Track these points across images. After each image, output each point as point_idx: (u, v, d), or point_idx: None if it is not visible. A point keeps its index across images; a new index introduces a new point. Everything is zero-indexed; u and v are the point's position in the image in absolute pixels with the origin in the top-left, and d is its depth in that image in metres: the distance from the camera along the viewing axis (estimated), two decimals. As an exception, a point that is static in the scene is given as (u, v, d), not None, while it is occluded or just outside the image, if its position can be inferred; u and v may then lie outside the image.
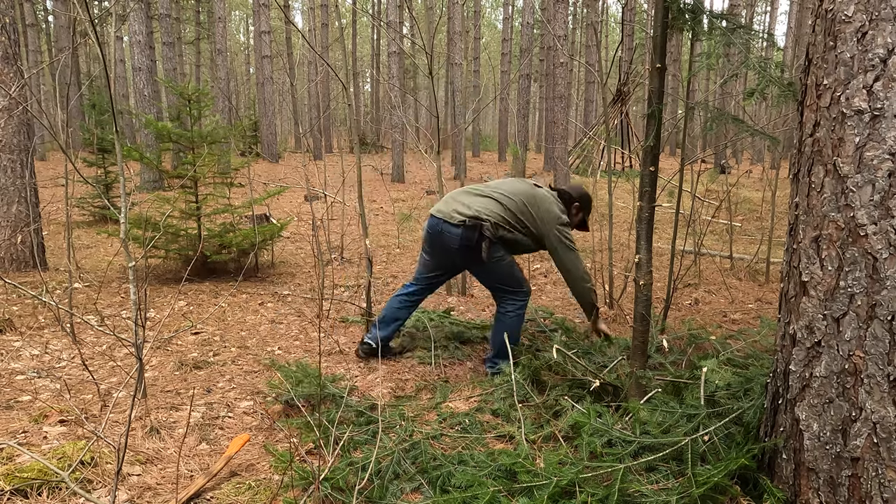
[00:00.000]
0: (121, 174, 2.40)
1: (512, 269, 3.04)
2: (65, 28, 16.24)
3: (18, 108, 4.89)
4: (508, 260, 3.02)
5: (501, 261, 2.98)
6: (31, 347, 3.39)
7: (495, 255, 2.95)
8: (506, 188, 3.05)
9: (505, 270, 3.02)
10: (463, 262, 3.11)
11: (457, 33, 16.62)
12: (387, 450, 2.15)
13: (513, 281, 3.04)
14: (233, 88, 29.14)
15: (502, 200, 2.99)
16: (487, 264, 2.96)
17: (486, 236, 2.89)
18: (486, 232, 2.89)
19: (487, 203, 2.98)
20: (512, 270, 3.04)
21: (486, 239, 2.89)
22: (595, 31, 17.66)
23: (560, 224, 3.00)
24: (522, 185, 3.08)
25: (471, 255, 2.94)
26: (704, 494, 1.73)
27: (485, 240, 2.89)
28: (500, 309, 3.09)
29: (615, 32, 37.31)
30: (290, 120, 34.13)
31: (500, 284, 3.07)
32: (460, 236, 2.91)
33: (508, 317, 3.06)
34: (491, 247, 2.92)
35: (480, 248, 2.89)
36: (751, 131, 2.75)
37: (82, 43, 18.64)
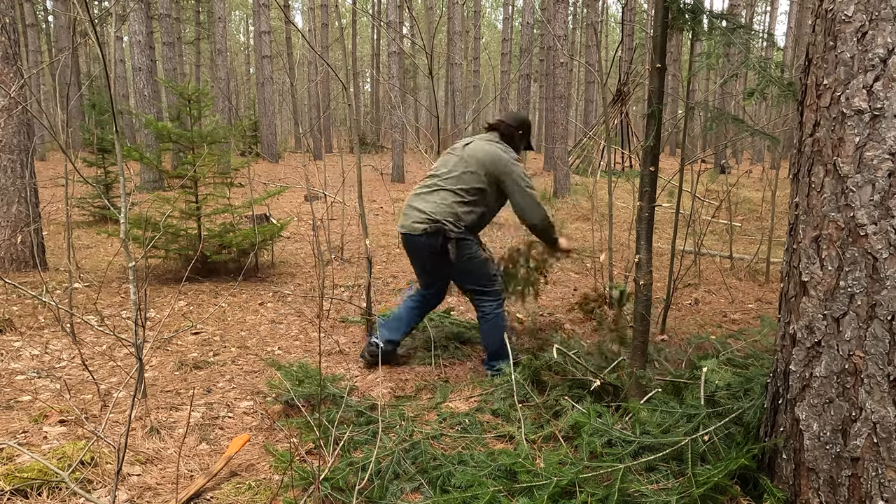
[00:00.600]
0: (121, 174, 2.40)
1: (485, 266, 2.99)
2: (65, 28, 16.25)
3: (18, 108, 4.89)
4: (481, 257, 2.97)
5: (473, 258, 2.93)
6: (31, 347, 3.39)
7: (465, 252, 2.90)
8: (448, 168, 2.98)
9: (478, 268, 2.97)
10: (441, 267, 3.02)
11: (457, 33, 16.63)
12: (387, 450, 2.15)
13: (487, 279, 2.99)
14: (233, 88, 29.15)
15: (451, 186, 2.92)
16: (460, 264, 2.92)
17: (450, 238, 2.84)
18: (451, 233, 2.84)
19: (440, 198, 2.91)
20: (485, 268, 2.99)
21: (452, 240, 2.84)
22: (595, 31, 17.66)
23: (509, 164, 2.92)
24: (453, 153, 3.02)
25: (443, 258, 2.89)
26: (704, 494, 1.73)
27: (450, 241, 2.84)
28: (479, 313, 3.05)
29: (615, 32, 37.31)
30: (290, 120, 34.13)
31: (474, 285, 3.01)
32: (427, 245, 2.88)
33: (488, 319, 3.01)
34: (459, 245, 2.87)
35: (448, 251, 2.85)
36: (751, 131, 2.75)
37: (82, 43, 18.65)
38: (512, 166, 2.93)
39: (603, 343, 3.23)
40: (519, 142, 3.14)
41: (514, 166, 2.94)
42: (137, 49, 11.04)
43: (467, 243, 2.93)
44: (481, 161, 2.92)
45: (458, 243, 2.88)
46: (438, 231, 2.85)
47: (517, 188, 2.93)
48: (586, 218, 8.94)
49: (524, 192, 2.93)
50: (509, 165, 2.92)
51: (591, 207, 7.54)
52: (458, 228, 2.88)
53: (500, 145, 3.00)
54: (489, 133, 3.09)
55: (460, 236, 2.88)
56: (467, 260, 2.93)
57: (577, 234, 7.65)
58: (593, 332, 3.83)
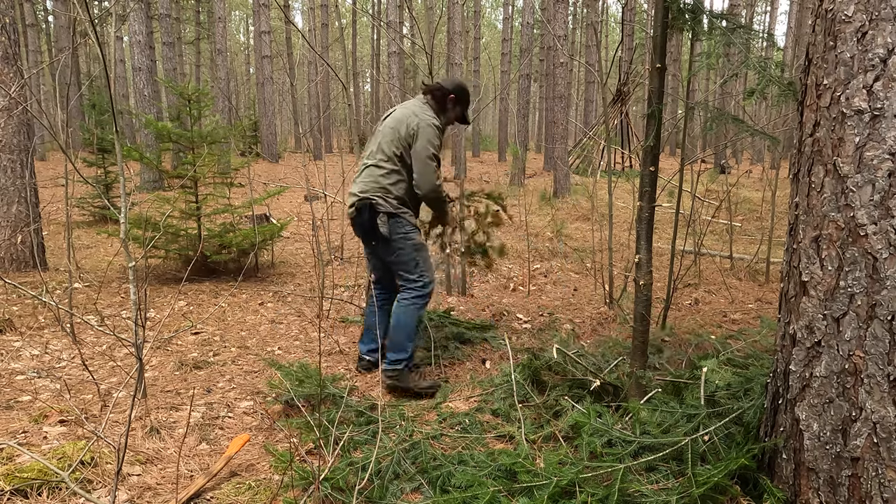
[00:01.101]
0: (121, 174, 2.40)
1: (415, 252, 2.86)
2: (65, 28, 16.25)
3: (18, 108, 4.89)
4: (415, 242, 2.86)
5: (406, 239, 2.83)
6: (31, 347, 3.39)
7: (399, 231, 2.81)
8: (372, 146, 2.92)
9: (407, 253, 2.84)
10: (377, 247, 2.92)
11: (457, 33, 16.62)
12: (387, 450, 2.15)
13: (412, 266, 2.86)
14: (233, 88, 29.15)
15: (373, 160, 2.86)
16: (392, 244, 2.82)
17: (378, 212, 2.79)
18: (379, 207, 2.79)
19: (367, 175, 2.87)
20: (415, 254, 2.85)
21: (380, 214, 2.78)
22: (595, 31, 17.66)
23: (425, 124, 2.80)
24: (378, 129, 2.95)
25: (375, 235, 2.82)
26: (704, 494, 1.73)
27: (378, 216, 2.78)
28: (398, 297, 2.91)
29: (615, 32, 37.31)
30: (290, 120, 34.13)
31: (400, 270, 2.89)
32: (360, 224, 2.84)
33: (401, 305, 2.86)
34: (391, 222, 2.80)
35: (377, 226, 2.79)
36: (751, 131, 2.75)
37: (82, 43, 18.65)
38: (425, 127, 2.80)
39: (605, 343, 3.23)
40: (451, 109, 2.99)
41: (429, 129, 2.80)
42: (137, 49, 11.04)
43: (400, 221, 2.82)
44: (399, 120, 2.84)
45: (390, 219, 2.80)
46: (365, 206, 2.80)
47: (418, 152, 2.80)
48: (586, 218, 8.94)
49: (424, 160, 2.79)
50: (422, 125, 2.80)
51: (591, 207, 7.54)
52: (388, 203, 2.80)
53: (422, 107, 2.89)
54: (421, 96, 2.98)
55: (390, 211, 2.80)
56: (400, 239, 2.82)
57: (577, 234, 7.65)
58: (593, 332, 3.84)
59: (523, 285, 5.13)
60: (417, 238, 2.89)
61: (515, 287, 5.08)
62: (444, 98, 2.96)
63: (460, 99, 3.00)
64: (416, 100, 2.97)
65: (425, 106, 2.93)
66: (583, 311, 4.33)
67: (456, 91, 2.98)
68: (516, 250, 6.63)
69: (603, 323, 3.99)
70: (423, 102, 2.94)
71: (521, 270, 5.69)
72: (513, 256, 6.37)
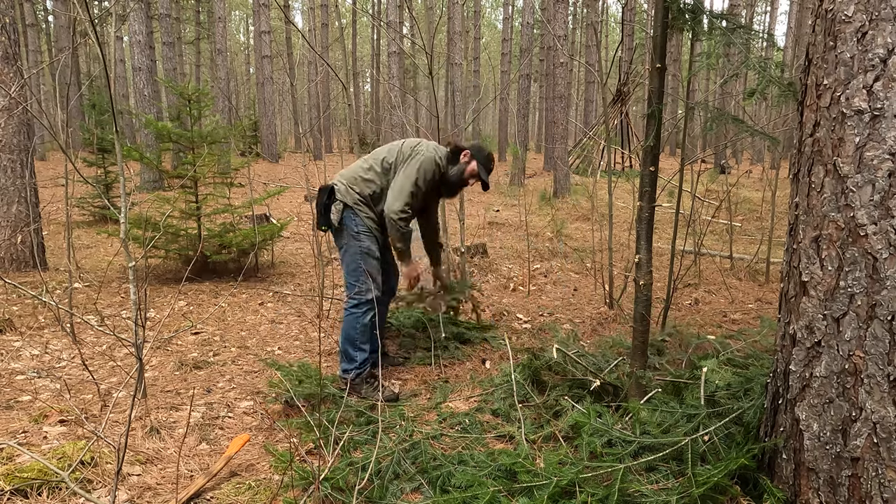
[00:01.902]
0: (121, 174, 2.40)
1: (359, 257, 2.78)
2: (65, 28, 16.25)
3: (18, 108, 4.89)
4: (362, 245, 2.78)
5: (354, 238, 2.77)
6: (31, 347, 3.39)
7: (349, 225, 2.77)
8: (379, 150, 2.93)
9: (350, 254, 2.79)
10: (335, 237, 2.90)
11: (457, 33, 16.62)
12: (387, 450, 2.15)
13: (352, 269, 2.80)
14: (233, 88, 29.14)
15: (367, 158, 2.88)
16: (339, 237, 2.81)
17: (335, 199, 2.77)
18: (338, 195, 2.77)
19: (351, 167, 2.88)
20: (358, 258, 2.78)
21: (336, 201, 2.77)
22: (595, 31, 17.66)
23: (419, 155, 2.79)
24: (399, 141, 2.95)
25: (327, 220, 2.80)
26: (704, 494, 1.73)
27: (334, 202, 2.77)
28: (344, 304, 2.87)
29: (615, 32, 37.31)
30: (290, 120, 34.11)
31: (345, 272, 2.84)
32: (318, 203, 2.83)
33: (344, 315, 2.81)
34: (344, 212, 2.77)
35: (330, 211, 2.78)
36: (751, 131, 2.75)
37: (82, 43, 18.65)
38: (417, 158, 2.80)
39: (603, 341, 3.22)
40: (464, 163, 2.94)
41: (427, 161, 2.80)
42: (137, 49, 11.03)
43: (354, 218, 2.78)
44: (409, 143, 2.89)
45: (345, 209, 2.77)
46: (327, 189, 2.80)
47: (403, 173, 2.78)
48: (586, 218, 8.94)
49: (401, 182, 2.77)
50: (423, 152, 2.81)
51: (591, 207, 7.53)
52: (349, 194, 2.78)
53: (438, 146, 2.92)
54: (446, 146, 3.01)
55: (347, 201, 2.77)
56: (348, 235, 2.78)
57: (577, 234, 7.65)
58: (593, 332, 3.83)
59: (523, 285, 5.13)
60: (367, 243, 2.80)
61: (515, 287, 5.08)
62: (458, 151, 2.97)
63: (476, 156, 2.96)
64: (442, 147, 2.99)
65: (442, 149, 2.94)
66: (583, 311, 4.33)
67: (472, 148, 2.99)
68: (516, 250, 6.63)
69: (603, 323, 3.99)
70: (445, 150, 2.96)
71: (521, 270, 5.69)
72: (513, 256, 6.37)
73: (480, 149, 3.01)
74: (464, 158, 2.95)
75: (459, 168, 2.94)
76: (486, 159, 2.99)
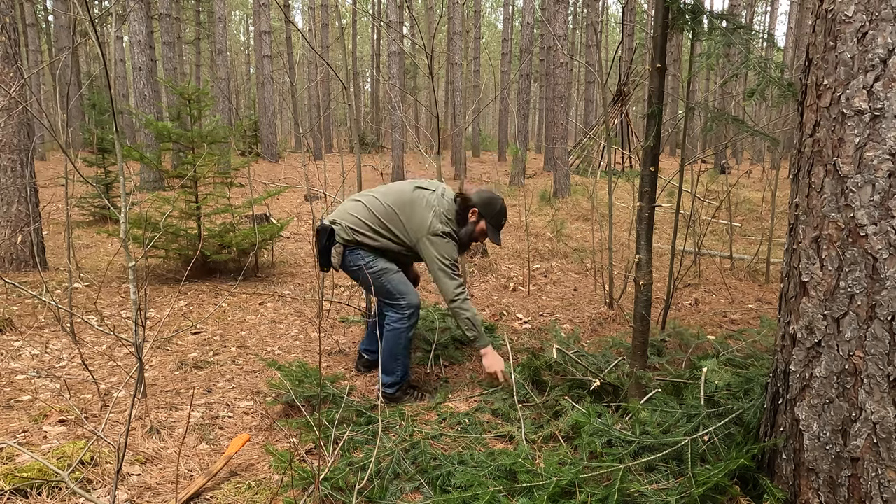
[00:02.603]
0: (121, 174, 2.40)
1: (385, 280, 2.74)
2: (65, 28, 16.25)
3: (18, 108, 4.89)
4: (377, 270, 2.73)
5: (367, 268, 2.72)
6: (31, 347, 3.39)
7: (355, 263, 2.73)
8: (383, 190, 2.82)
9: (376, 282, 2.74)
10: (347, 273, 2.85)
11: (457, 33, 16.63)
12: (387, 450, 2.15)
13: (386, 293, 2.76)
14: (233, 88, 29.15)
15: (370, 203, 2.76)
16: (351, 274, 2.78)
17: (335, 241, 2.73)
18: (337, 237, 2.72)
19: (352, 207, 2.78)
20: (384, 283, 2.74)
21: (336, 244, 2.72)
22: (595, 31, 17.66)
23: (431, 234, 2.66)
24: (402, 186, 2.81)
25: (328, 262, 2.77)
26: (704, 494, 1.73)
27: (334, 244, 2.73)
28: (385, 321, 2.80)
29: (615, 32, 37.32)
30: (290, 120, 34.13)
31: (378, 295, 2.82)
32: (318, 245, 2.78)
33: (389, 328, 2.74)
34: (346, 253, 2.74)
35: (330, 254, 2.74)
36: (751, 131, 2.75)
37: (82, 43, 18.65)
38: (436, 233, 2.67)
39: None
40: (472, 223, 2.78)
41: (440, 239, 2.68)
42: (137, 49, 11.03)
43: (357, 253, 2.74)
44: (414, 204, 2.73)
45: (346, 250, 2.74)
46: (326, 231, 2.73)
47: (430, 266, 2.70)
48: (586, 218, 8.94)
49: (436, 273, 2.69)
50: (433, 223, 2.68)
51: (591, 207, 7.53)
52: (351, 238, 2.73)
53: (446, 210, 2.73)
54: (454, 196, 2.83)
55: (346, 242, 2.73)
56: (357, 271, 2.74)
57: (577, 234, 7.65)
58: (593, 332, 3.83)
59: (523, 285, 5.13)
60: (381, 265, 2.74)
61: (515, 287, 5.08)
62: (465, 209, 2.77)
63: (485, 213, 2.75)
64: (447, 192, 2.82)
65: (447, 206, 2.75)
66: (583, 312, 4.33)
67: (479, 206, 2.75)
68: (516, 250, 6.63)
69: (603, 323, 3.99)
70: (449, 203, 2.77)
71: (521, 270, 5.69)
72: (513, 256, 6.37)
73: (489, 203, 2.76)
74: (472, 218, 2.77)
75: (467, 231, 2.78)
76: (497, 216, 2.78)
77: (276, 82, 25.74)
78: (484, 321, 3.90)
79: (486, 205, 2.75)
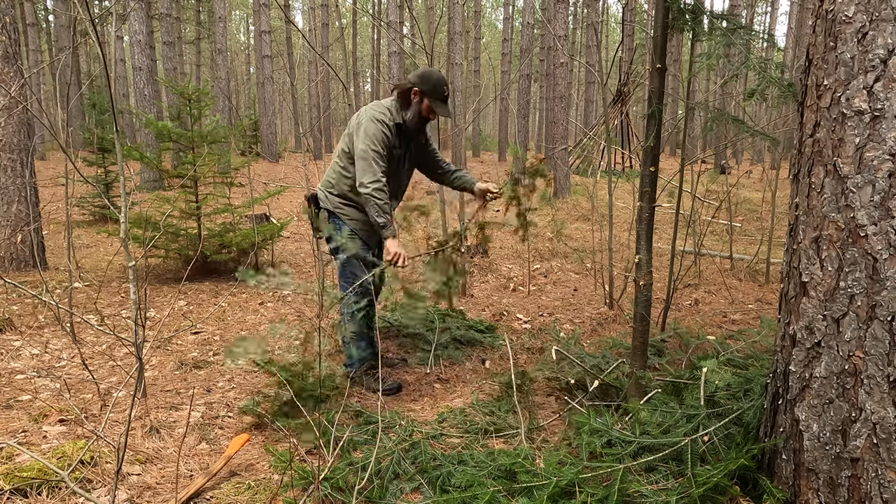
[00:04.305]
0: (121, 174, 2.40)
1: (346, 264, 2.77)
2: (65, 27, 16.24)
3: (18, 108, 4.89)
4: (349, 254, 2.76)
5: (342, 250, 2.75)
6: (31, 347, 3.39)
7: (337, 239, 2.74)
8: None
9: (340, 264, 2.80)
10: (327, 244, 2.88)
11: (457, 33, 16.63)
12: (386, 450, 2.15)
13: (345, 275, 2.80)
14: (233, 88, 29.14)
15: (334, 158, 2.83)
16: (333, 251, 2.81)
17: (320, 207, 2.78)
18: (321, 203, 2.78)
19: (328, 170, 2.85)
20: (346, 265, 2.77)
21: (321, 209, 2.77)
22: (595, 32, 17.66)
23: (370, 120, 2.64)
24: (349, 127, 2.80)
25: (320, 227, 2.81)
26: (704, 495, 1.73)
27: (319, 208, 2.78)
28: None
29: (615, 32, 37.31)
30: (290, 120, 34.12)
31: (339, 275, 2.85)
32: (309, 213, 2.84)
33: (344, 311, 2.81)
34: (330, 219, 2.77)
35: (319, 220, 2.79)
36: (751, 132, 2.75)
37: (83, 42, 18.65)
38: (365, 122, 2.65)
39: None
40: (417, 103, 2.73)
41: (370, 124, 2.64)
42: (138, 48, 11.03)
43: (337, 223, 2.78)
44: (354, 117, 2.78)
45: (330, 217, 2.78)
46: (313, 197, 2.80)
47: (356, 149, 2.65)
48: (586, 218, 8.94)
49: (359, 155, 2.64)
50: (362, 121, 2.66)
51: (591, 207, 7.53)
52: (329, 199, 2.78)
53: (378, 104, 2.74)
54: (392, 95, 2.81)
55: (329, 208, 2.78)
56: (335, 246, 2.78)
57: (577, 234, 7.65)
58: (593, 332, 3.83)
59: (523, 285, 5.13)
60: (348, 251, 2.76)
61: (515, 287, 5.08)
62: (407, 93, 2.74)
63: (426, 91, 2.70)
64: (386, 99, 2.82)
65: (384, 103, 2.76)
66: (583, 312, 4.33)
67: (417, 83, 2.70)
68: (516, 250, 6.63)
69: (603, 323, 3.99)
70: (389, 101, 2.78)
71: (521, 270, 5.69)
72: (513, 256, 6.37)
73: (425, 77, 2.71)
74: (414, 98, 2.73)
75: (413, 111, 2.74)
76: (437, 87, 2.70)
77: (277, 82, 25.73)
78: (484, 321, 3.90)
79: (422, 80, 2.70)
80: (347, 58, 24.94)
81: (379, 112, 2.69)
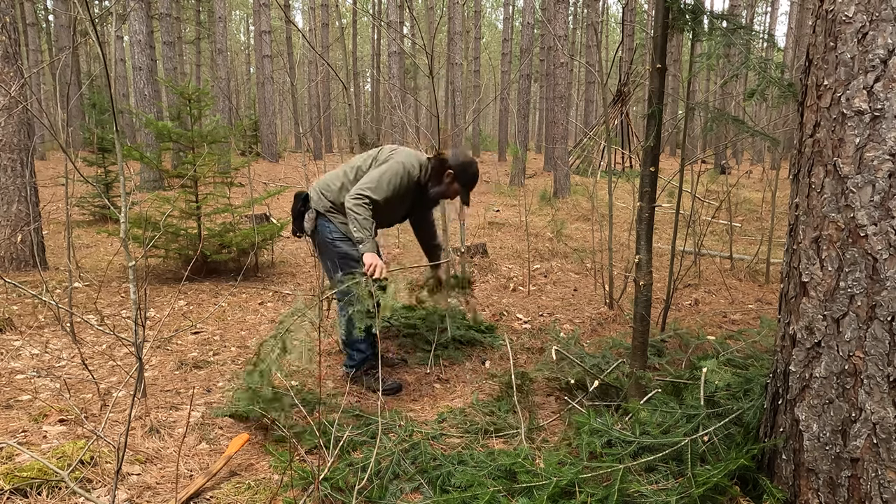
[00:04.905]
0: (121, 173, 2.40)
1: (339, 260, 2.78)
2: (65, 27, 16.24)
3: (18, 108, 4.89)
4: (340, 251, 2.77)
5: (332, 246, 2.78)
6: (31, 347, 3.39)
7: (324, 233, 2.78)
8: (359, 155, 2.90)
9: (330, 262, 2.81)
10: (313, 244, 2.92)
11: (457, 33, 16.63)
12: (386, 450, 2.15)
13: (331, 274, 2.84)
14: (233, 88, 29.15)
15: (344, 167, 2.86)
16: (316, 243, 2.83)
17: (309, 207, 2.80)
18: (311, 202, 2.80)
19: (328, 175, 2.88)
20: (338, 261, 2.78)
21: (310, 209, 2.79)
22: (595, 32, 17.67)
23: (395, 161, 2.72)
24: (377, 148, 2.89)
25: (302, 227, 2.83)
26: (704, 495, 1.73)
27: (308, 209, 2.80)
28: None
29: (615, 32, 37.32)
30: (290, 120, 34.13)
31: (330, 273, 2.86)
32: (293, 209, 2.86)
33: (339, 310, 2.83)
34: (318, 221, 2.78)
35: (304, 219, 2.81)
36: (751, 132, 2.75)
37: (83, 42, 18.65)
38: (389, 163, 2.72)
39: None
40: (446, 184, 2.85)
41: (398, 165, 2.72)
42: (138, 48, 11.03)
43: (328, 225, 2.79)
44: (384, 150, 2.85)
45: (318, 218, 2.80)
46: (300, 196, 2.82)
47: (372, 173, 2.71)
48: (586, 218, 8.94)
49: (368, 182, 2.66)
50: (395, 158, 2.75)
51: (591, 207, 7.53)
52: (321, 201, 2.80)
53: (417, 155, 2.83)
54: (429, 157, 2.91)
55: (319, 210, 2.79)
56: (325, 242, 2.79)
57: (577, 234, 7.65)
58: (593, 332, 3.83)
59: (523, 285, 5.13)
60: (345, 248, 2.77)
61: (515, 287, 5.08)
62: (441, 169, 2.84)
63: (459, 177, 2.84)
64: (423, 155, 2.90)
65: (421, 158, 2.84)
66: (583, 312, 4.33)
67: (456, 168, 2.83)
68: (516, 250, 6.63)
69: (603, 323, 3.99)
70: (426, 158, 2.87)
71: (521, 270, 5.69)
72: (513, 256, 6.37)
73: (465, 169, 2.85)
74: (446, 179, 2.85)
75: (440, 190, 2.86)
76: (470, 180, 2.87)
77: (277, 82, 25.73)
78: (484, 321, 3.90)
79: (462, 170, 2.84)
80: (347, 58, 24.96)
81: (415, 163, 2.78)
